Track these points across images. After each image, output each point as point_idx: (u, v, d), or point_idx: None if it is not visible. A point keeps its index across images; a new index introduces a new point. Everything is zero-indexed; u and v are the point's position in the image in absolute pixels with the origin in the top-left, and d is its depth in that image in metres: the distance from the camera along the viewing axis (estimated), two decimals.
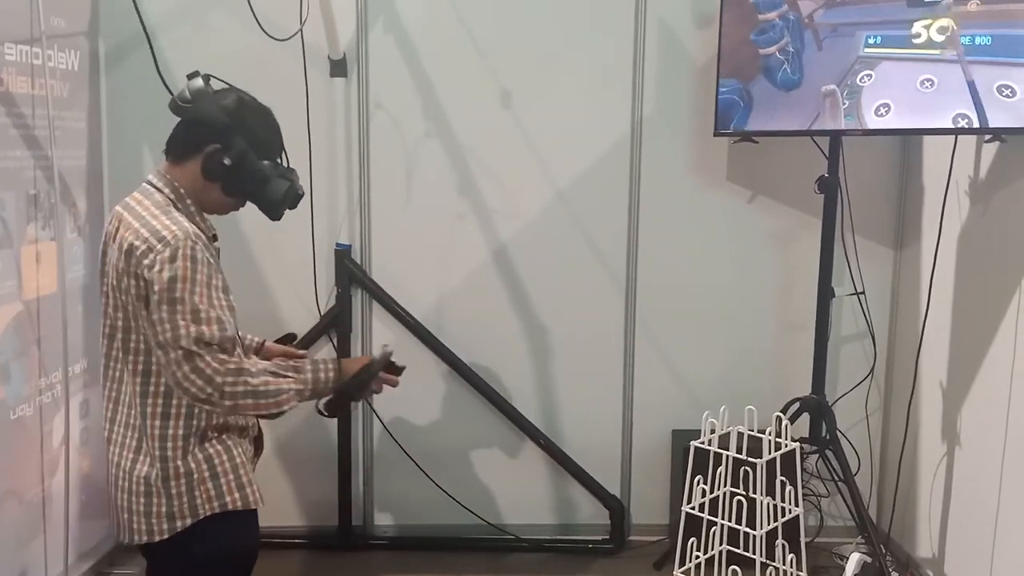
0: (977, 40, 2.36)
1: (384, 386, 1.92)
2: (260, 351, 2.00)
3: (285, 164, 1.84)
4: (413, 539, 3.16)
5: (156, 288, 1.59)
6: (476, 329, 3.09)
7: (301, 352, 2.06)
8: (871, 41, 2.57)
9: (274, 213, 1.81)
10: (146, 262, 1.60)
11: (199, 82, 1.72)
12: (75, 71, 2.66)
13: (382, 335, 3.09)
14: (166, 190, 1.72)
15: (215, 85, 1.79)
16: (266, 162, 1.75)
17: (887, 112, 2.53)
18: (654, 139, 3.01)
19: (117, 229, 1.70)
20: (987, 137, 2.45)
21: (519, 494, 3.17)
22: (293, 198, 1.81)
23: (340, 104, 2.98)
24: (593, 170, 3.03)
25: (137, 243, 1.62)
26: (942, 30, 2.42)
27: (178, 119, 1.77)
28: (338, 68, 2.94)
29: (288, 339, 2.11)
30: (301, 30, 2.75)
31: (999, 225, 2.44)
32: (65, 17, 2.59)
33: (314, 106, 2.81)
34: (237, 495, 1.72)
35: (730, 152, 3.02)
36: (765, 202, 3.05)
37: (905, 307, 3.02)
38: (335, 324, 3.03)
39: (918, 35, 2.45)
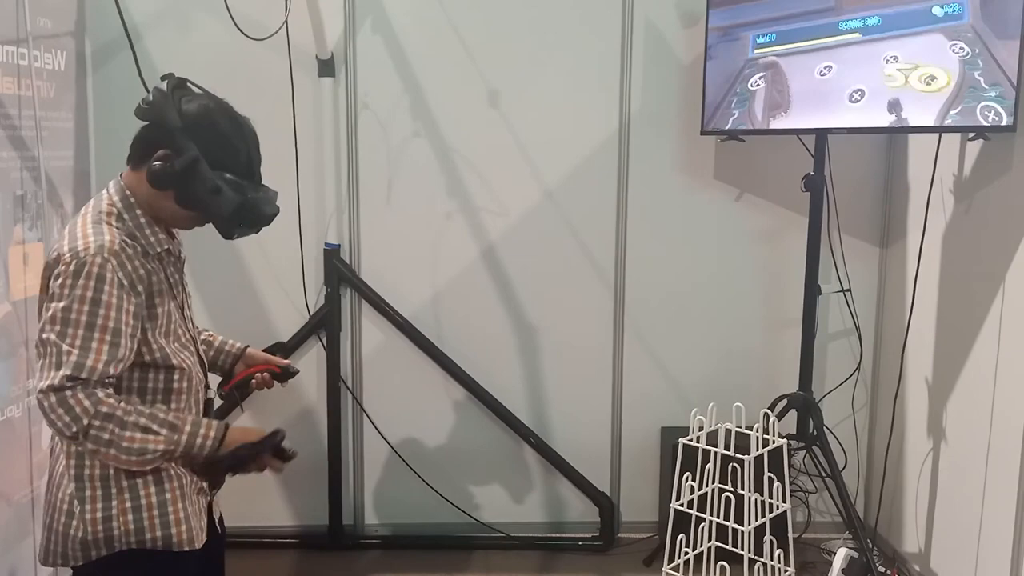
0: (867, 22, 2.52)
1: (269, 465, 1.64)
2: (242, 357, 1.87)
3: (257, 179, 1.64)
4: (404, 538, 3.16)
5: (53, 303, 1.46)
6: (465, 328, 3.10)
7: (284, 361, 1.90)
8: (760, 41, 2.68)
9: (225, 231, 1.62)
10: (56, 270, 1.47)
11: (163, 85, 1.58)
12: (61, 71, 2.65)
13: (372, 334, 3.09)
14: (115, 197, 1.57)
15: (194, 90, 1.64)
16: (227, 174, 1.56)
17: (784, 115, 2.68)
18: (641, 138, 3.02)
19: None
20: (971, 135, 2.48)
21: (509, 492, 3.18)
22: (252, 216, 1.60)
23: (328, 104, 2.98)
24: (581, 169, 3.04)
25: (54, 252, 1.50)
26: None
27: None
28: (326, 68, 2.94)
29: (276, 349, 1.97)
30: (286, 30, 2.75)
31: (983, 222, 2.47)
32: (51, 17, 2.58)
33: (302, 106, 2.81)
34: (159, 534, 1.54)
35: (717, 151, 3.04)
36: (752, 200, 3.07)
37: (891, 304, 3.04)
38: (324, 324, 3.03)
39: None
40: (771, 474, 2.51)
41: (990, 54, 2.29)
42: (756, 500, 2.46)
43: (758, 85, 2.71)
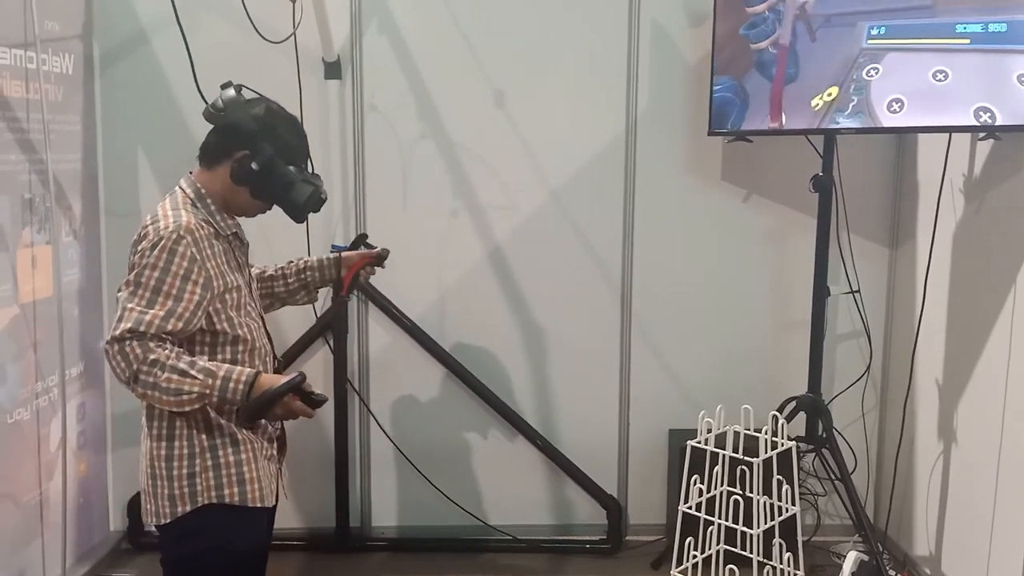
0: (991, 28, 2.24)
1: (301, 416, 1.76)
2: (341, 262, 2.13)
3: (310, 170, 1.92)
4: (411, 540, 3.16)
5: (130, 269, 1.69)
6: (472, 330, 3.09)
7: (375, 251, 2.18)
8: (874, 32, 2.46)
9: (298, 216, 1.87)
10: (139, 247, 1.70)
11: (231, 91, 1.79)
12: (69, 74, 2.66)
13: (378, 336, 3.09)
14: (189, 191, 1.80)
15: (246, 95, 1.84)
16: (292, 168, 1.82)
17: (901, 108, 2.42)
18: (649, 138, 3.01)
19: None
20: (981, 135, 2.45)
21: (516, 495, 3.17)
22: (317, 202, 1.87)
23: (335, 106, 2.98)
24: (588, 170, 3.03)
25: (140, 231, 1.73)
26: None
27: (211, 126, 1.84)
28: (332, 70, 2.94)
29: (359, 241, 2.25)
30: (295, 33, 2.75)
31: (994, 222, 2.45)
32: (59, 21, 2.59)
33: (308, 108, 2.81)
34: (236, 489, 1.76)
35: (724, 151, 3.03)
36: (760, 201, 3.05)
37: (900, 305, 3.02)
38: (331, 326, 3.03)
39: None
40: (780, 477, 2.50)
41: None
42: (765, 503, 2.45)
43: (872, 76, 2.45)
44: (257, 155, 1.78)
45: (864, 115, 2.50)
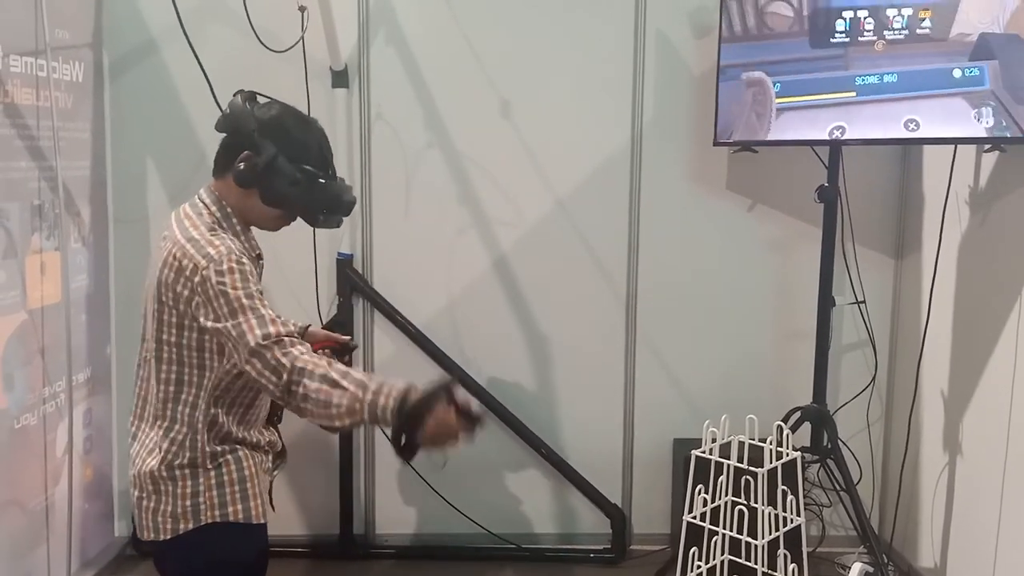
0: (885, 79, 2.44)
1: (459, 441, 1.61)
2: (304, 335, 2.00)
3: (332, 172, 1.81)
4: (414, 548, 3.16)
5: (214, 304, 1.62)
6: (477, 338, 3.10)
7: (344, 337, 2.04)
8: (776, 88, 2.61)
9: (311, 218, 1.78)
10: (197, 278, 1.62)
11: (238, 98, 1.75)
12: (79, 82, 2.69)
13: (384, 344, 3.10)
14: (213, 207, 1.73)
15: (263, 100, 1.80)
16: (306, 167, 1.73)
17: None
18: (654, 148, 3.02)
19: (167, 242, 1.72)
20: (986, 147, 2.46)
21: (520, 503, 3.17)
22: (333, 203, 1.77)
23: (342, 115, 3.00)
24: (593, 179, 3.04)
25: (186, 262, 1.65)
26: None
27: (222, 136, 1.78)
28: (339, 79, 2.96)
29: (334, 325, 2.15)
30: (303, 42, 2.77)
31: (999, 234, 2.45)
32: (69, 29, 2.61)
33: (316, 116, 2.80)
34: (240, 507, 1.74)
35: (730, 161, 3.03)
36: (765, 211, 3.06)
37: (906, 316, 3.02)
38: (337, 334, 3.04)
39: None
40: (785, 487, 2.49)
41: (1013, 120, 2.24)
42: (770, 513, 2.44)
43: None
44: (260, 154, 1.69)
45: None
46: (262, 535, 1.82)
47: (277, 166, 1.70)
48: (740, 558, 2.55)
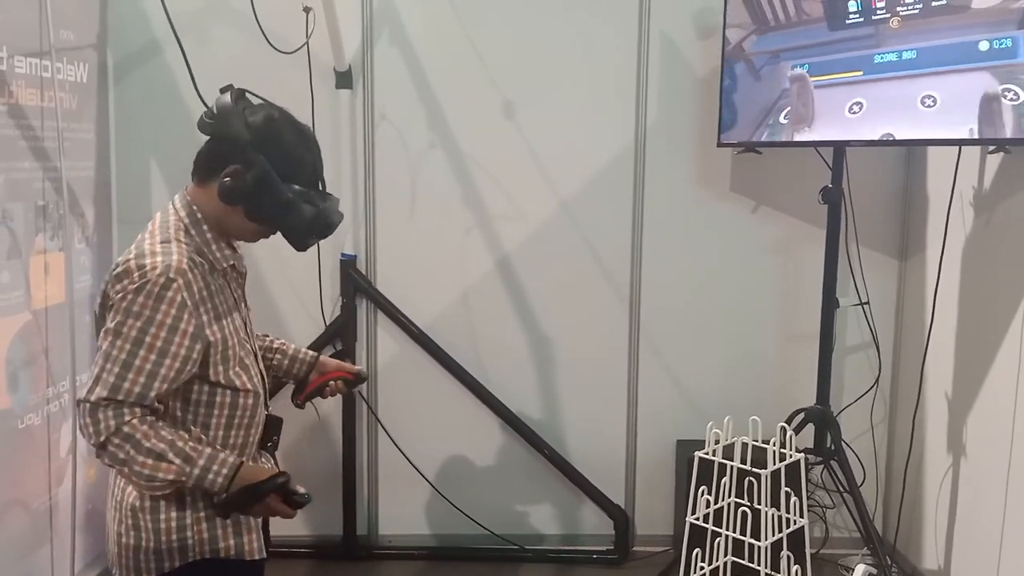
0: (904, 55, 2.37)
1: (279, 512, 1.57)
2: (315, 365, 1.89)
3: (322, 188, 1.65)
4: (417, 549, 3.16)
5: (111, 315, 1.48)
6: (481, 339, 3.10)
7: (355, 368, 1.92)
8: (797, 69, 2.60)
9: (299, 243, 1.62)
10: (119, 285, 1.48)
11: (226, 98, 1.55)
12: (84, 83, 2.69)
13: (387, 345, 3.10)
14: (183, 212, 1.57)
15: (254, 101, 1.64)
16: (295, 186, 1.56)
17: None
18: (657, 150, 3.02)
19: None
20: (991, 148, 2.45)
21: (523, 504, 3.17)
22: (322, 227, 1.61)
23: (345, 115, 3.00)
24: (597, 181, 3.04)
25: (121, 264, 1.51)
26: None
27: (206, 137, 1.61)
28: (343, 80, 2.96)
29: (343, 355, 1.95)
30: (307, 43, 2.77)
31: (1003, 235, 2.44)
32: (74, 30, 2.62)
33: (319, 117, 2.83)
34: (232, 542, 1.57)
35: (733, 163, 3.03)
36: (769, 212, 3.06)
37: (910, 317, 3.01)
38: (340, 334, 3.04)
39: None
40: (788, 489, 2.48)
41: None
42: (773, 515, 2.44)
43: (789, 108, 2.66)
44: (250, 170, 1.51)
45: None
46: (258, 573, 1.64)
47: (268, 185, 1.53)
48: (743, 560, 2.55)
